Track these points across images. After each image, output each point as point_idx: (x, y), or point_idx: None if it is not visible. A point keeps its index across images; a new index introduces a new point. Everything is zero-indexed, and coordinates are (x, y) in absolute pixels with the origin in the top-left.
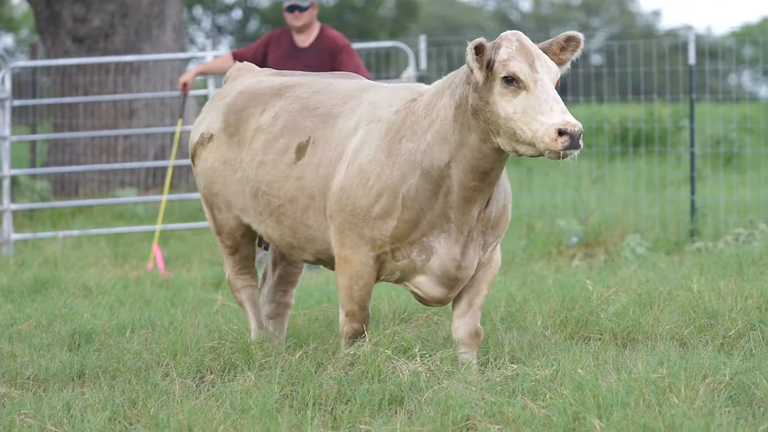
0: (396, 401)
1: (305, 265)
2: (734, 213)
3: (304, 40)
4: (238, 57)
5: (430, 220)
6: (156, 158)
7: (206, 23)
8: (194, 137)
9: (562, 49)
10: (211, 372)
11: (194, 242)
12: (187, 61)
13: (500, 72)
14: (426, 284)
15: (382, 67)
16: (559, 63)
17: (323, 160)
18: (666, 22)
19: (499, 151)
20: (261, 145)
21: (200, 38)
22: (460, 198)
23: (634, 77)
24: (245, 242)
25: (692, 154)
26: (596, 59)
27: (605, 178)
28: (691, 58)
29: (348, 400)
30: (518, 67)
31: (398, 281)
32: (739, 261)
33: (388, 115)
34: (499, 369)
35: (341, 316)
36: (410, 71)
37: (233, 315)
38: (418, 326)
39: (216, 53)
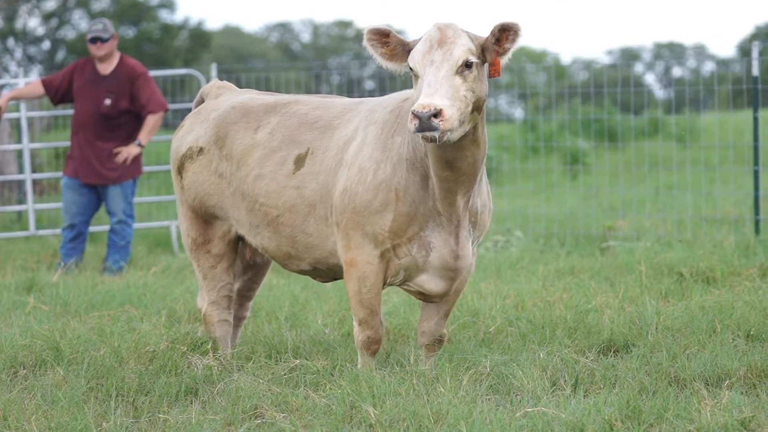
0: (191, 393)
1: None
2: (493, 222)
3: (106, 69)
4: (46, 83)
5: (423, 213)
6: None
7: (18, 53)
8: (180, 149)
9: (499, 40)
10: (24, 367)
11: (7, 250)
12: (1, 87)
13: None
14: (429, 281)
15: (178, 92)
16: (503, 53)
17: (322, 168)
18: None
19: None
20: (257, 160)
21: (13, 67)
22: (440, 189)
23: None
24: (230, 252)
25: None
26: (369, 84)
27: None
28: None
29: (148, 392)
30: (412, 57)
31: (402, 283)
32: (497, 265)
33: (383, 114)
34: (284, 362)
35: (355, 327)
36: None
37: (44, 316)
38: None
39: (27, 80)
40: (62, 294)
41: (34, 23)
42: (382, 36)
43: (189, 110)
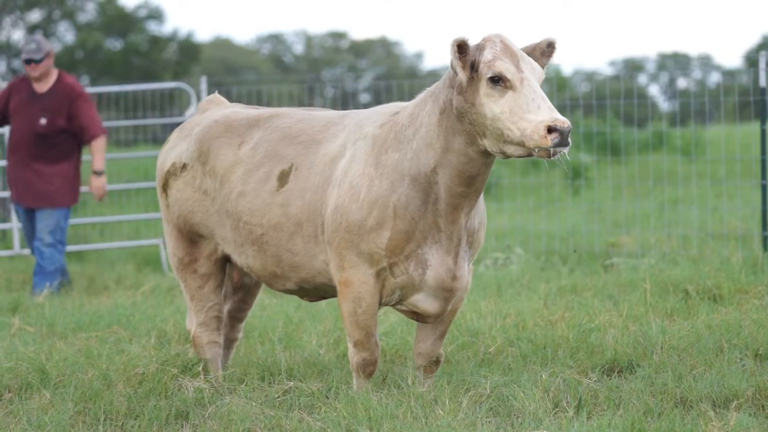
0: (182, 416)
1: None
2: (493, 239)
3: (42, 87)
4: None
5: (422, 230)
6: None
7: (2, 66)
8: (164, 165)
9: (543, 53)
10: (9, 391)
11: None
12: None
13: (486, 73)
14: (424, 301)
15: (167, 106)
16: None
17: (308, 185)
18: (428, 63)
19: (486, 155)
20: (240, 176)
21: None
22: (447, 205)
23: None
24: (218, 271)
25: None
26: (365, 97)
27: None
28: None
29: (137, 416)
30: (504, 67)
31: (397, 303)
32: (497, 283)
33: (373, 129)
34: (277, 385)
35: (350, 348)
36: (193, 110)
37: (29, 338)
38: None
39: None
40: (48, 315)
41: (18, 35)
42: (463, 47)
43: (178, 125)
